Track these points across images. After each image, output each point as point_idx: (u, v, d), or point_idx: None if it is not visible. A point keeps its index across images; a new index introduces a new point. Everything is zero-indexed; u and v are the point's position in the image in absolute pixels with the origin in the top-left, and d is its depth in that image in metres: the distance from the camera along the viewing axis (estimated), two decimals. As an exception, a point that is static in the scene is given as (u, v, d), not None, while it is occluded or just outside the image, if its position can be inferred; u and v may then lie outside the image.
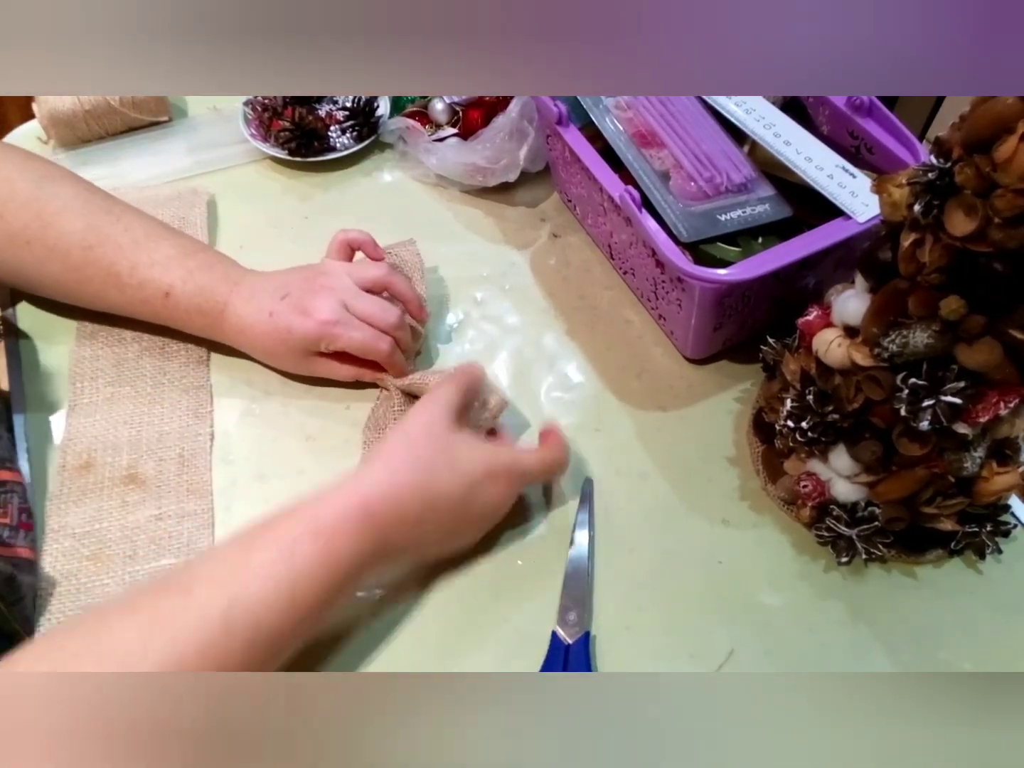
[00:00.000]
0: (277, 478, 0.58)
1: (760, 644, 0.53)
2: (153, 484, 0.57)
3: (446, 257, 0.71)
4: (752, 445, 0.61)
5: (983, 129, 0.37)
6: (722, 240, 0.61)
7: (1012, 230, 0.37)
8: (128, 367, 0.62)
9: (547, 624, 0.52)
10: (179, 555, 0.54)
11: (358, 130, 0.78)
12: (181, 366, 0.63)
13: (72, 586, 0.52)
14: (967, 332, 0.42)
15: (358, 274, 0.60)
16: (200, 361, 0.63)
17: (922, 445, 0.47)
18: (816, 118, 0.66)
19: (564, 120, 0.64)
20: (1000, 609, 0.54)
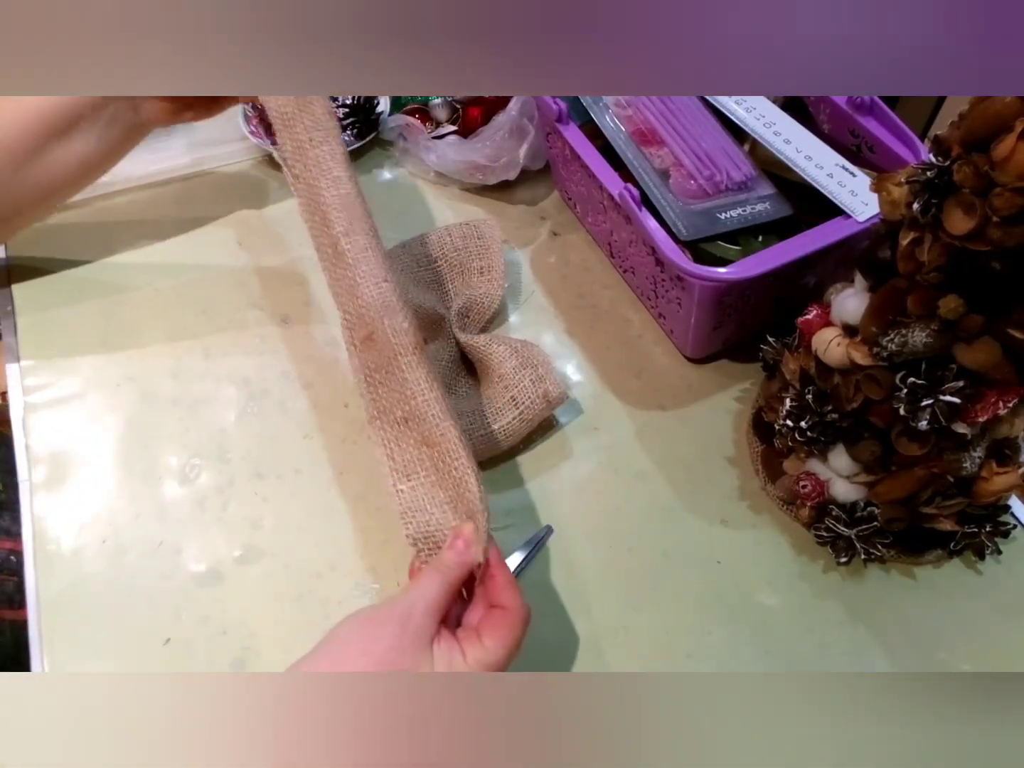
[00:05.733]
0: (275, 477, 0.58)
1: (759, 644, 0.53)
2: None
3: (446, 255, 0.71)
4: (751, 445, 0.61)
5: (981, 128, 0.37)
6: (722, 239, 0.61)
7: (1010, 229, 0.37)
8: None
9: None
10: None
11: (358, 127, 0.78)
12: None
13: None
14: (966, 331, 0.42)
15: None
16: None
17: (921, 445, 0.46)
18: (817, 117, 0.66)
19: (564, 118, 0.64)
20: (999, 610, 0.54)
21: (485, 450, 0.58)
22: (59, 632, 0.52)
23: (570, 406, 0.62)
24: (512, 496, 0.58)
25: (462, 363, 0.63)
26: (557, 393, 0.58)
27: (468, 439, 0.57)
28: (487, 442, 0.57)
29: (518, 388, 0.58)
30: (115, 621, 0.53)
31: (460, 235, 0.68)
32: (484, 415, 0.58)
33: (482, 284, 0.66)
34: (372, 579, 0.54)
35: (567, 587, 0.55)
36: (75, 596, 0.53)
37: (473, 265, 0.67)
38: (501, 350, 0.60)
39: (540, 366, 0.59)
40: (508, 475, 0.59)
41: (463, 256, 0.67)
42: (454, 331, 0.62)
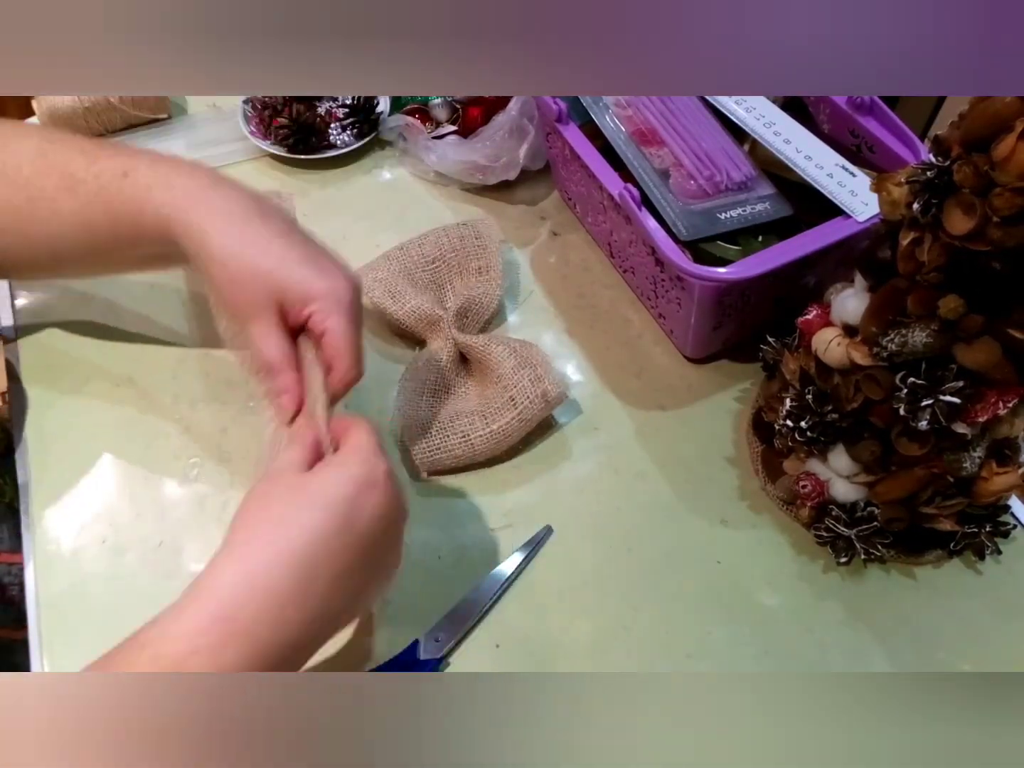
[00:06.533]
0: (275, 476, 0.58)
1: (759, 644, 0.53)
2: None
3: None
4: (751, 445, 0.61)
5: (981, 128, 0.37)
6: (722, 239, 0.61)
7: (1010, 229, 0.37)
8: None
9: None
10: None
11: (358, 127, 0.78)
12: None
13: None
14: (966, 331, 0.42)
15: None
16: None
17: (921, 445, 0.46)
18: (817, 116, 0.66)
19: (564, 118, 0.64)
20: (999, 610, 0.54)
21: (485, 450, 0.58)
22: (59, 632, 0.52)
23: (570, 406, 0.62)
24: (512, 496, 0.58)
25: (461, 363, 0.63)
26: (556, 393, 0.58)
27: (466, 440, 0.57)
28: (487, 442, 0.57)
29: (517, 388, 0.58)
30: (115, 621, 0.53)
31: (457, 235, 0.68)
32: (483, 415, 0.58)
33: (480, 284, 0.66)
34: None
35: (567, 587, 0.55)
36: (75, 596, 0.53)
37: (471, 265, 0.67)
38: (500, 350, 0.60)
39: (539, 366, 0.59)
40: (508, 475, 0.59)
41: (461, 256, 0.67)
42: (453, 331, 0.62)
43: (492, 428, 0.57)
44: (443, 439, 0.57)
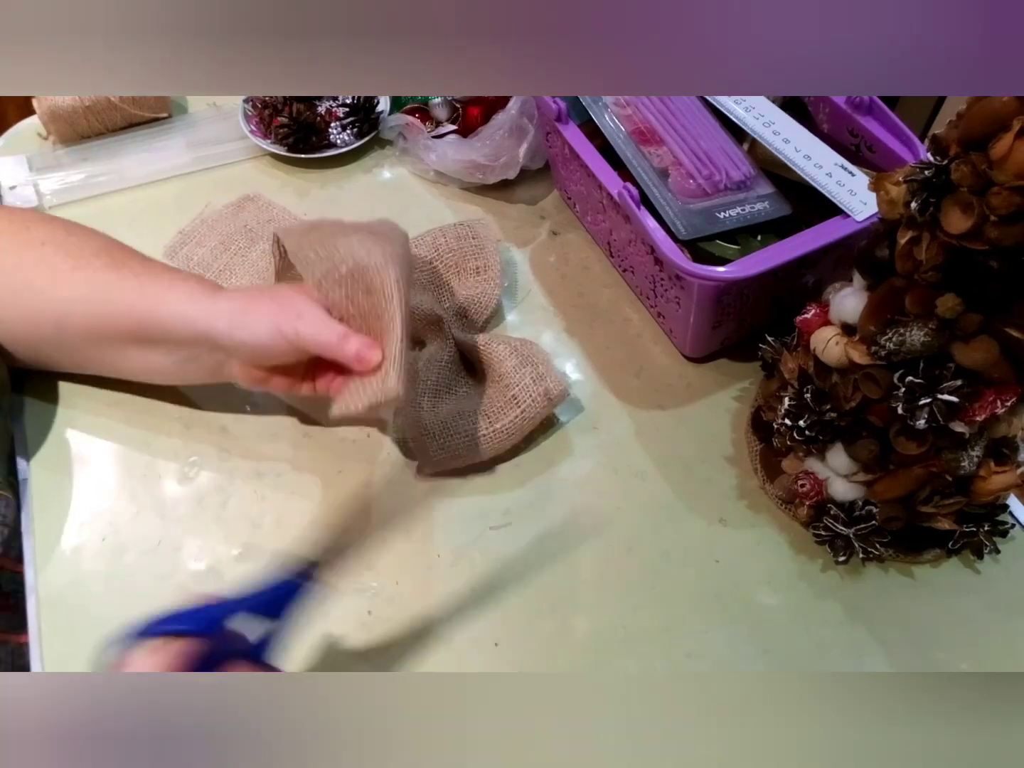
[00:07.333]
0: (274, 475, 0.58)
1: (758, 643, 0.53)
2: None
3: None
4: (750, 444, 0.61)
5: (979, 127, 0.37)
6: (721, 238, 0.61)
7: (1008, 228, 0.37)
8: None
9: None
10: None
11: (358, 127, 0.78)
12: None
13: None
14: (963, 330, 0.42)
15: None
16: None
17: (919, 444, 0.47)
18: (816, 116, 0.66)
19: (563, 117, 0.64)
20: (998, 609, 0.54)
21: (489, 449, 0.58)
22: (59, 631, 0.52)
23: (569, 405, 0.62)
24: (511, 495, 0.58)
25: (461, 363, 0.63)
26: (558, 390, 0.58)
27: (470, 440, 0.57)
28: (491, 441, 0.57)
29: (519, 387, 0.58)
30: (114, 619, 0.53)
31: (455, 235, 0.68)
32: (487, 415, 0.58)
33: (479, 284, 0.66)
34: (370, 578, 0.55)
35: (567, 587, 0.55)
36: (74, 594, 0.53)
37: (469, 265, 0.67)
38: (500, 349, 0.60)
39: (540, 364, 0.59)
40: (508, 474, 0.59)
41: (458, 256, 0.67)
42: (452, 331, 0.62)
43: (496, 427, 0.57)
44: (446, 439, 0.57)
